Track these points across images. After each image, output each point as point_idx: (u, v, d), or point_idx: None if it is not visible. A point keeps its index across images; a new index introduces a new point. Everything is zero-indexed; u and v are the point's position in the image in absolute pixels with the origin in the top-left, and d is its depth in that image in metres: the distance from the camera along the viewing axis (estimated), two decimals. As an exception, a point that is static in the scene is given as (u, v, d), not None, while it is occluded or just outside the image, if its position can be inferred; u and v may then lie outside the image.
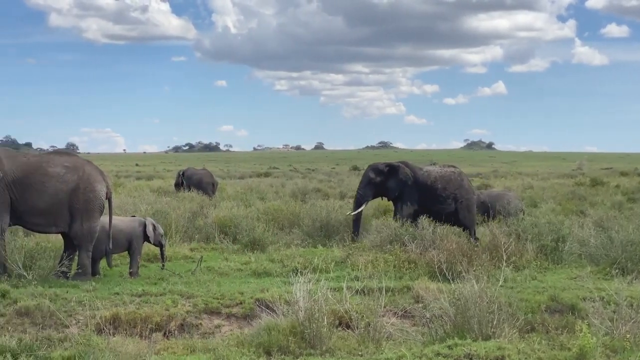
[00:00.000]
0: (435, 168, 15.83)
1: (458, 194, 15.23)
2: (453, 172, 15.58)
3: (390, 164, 15.60)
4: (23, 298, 9.05)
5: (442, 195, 15.16)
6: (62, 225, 10.83)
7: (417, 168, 15.58)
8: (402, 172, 15.18)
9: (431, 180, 15.25)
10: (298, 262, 11.91)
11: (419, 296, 9.58)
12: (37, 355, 7.20)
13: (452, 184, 15.29)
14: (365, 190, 15.43)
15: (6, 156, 10.75)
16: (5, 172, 10.51)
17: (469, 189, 15.57)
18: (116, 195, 16.09)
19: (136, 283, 10.57)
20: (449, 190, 15.21)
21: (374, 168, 15.63)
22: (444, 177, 15.35)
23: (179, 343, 8.10)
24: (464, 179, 15.66)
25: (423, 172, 15.43)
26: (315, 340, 7.47)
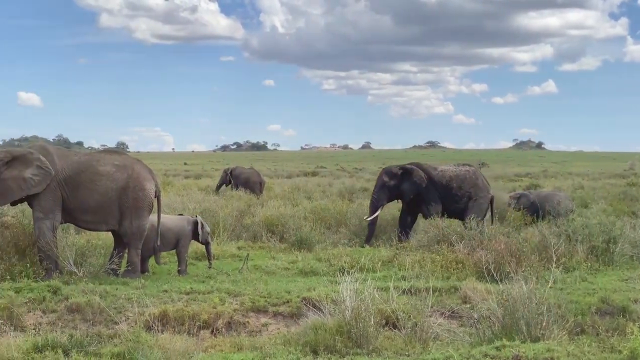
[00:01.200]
0: (450, 167, 15.79)
1: (473, 192, 15.30)
2: (468, 171, 15.57)
3: (404, 166, 15.61)
4: (74, 294, 9.19)
5: (458, 195, 15.25)
6: (112, 223, 10.97)
7: (431, 169, 15.61)
8: (416, 175, 15.20)
9: (446, 179, 15.33)
10: (345, 261, 11.90)
11: (467, 297, 9.51)
12: (88, 351, 7.31)
13: (467, 182, 15.36)
14: (379, 194, 15.44)
15: (58, 155, 10.93)
16: (57, 170, 10.68)
17: (483, 188, 15.53)
18: (165, 194, 16.25)
19: (184, 281, 10.66)
20: (464, 189, 15.29)
21: (387, 171, 15.65)
22: (459, 176, 15.38)
23: (226, 341, 8.15)
24: (479, 178, 15.60)
25: (438, 172, 15.46)
26: (361, 340, 7.46)
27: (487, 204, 15.49)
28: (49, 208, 10.60)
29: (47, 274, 10.20)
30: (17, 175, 10.51)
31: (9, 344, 7.27)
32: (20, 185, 10.50)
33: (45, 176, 10.55)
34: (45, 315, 8.89)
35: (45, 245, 10.36)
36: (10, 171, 10.57)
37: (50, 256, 10.39)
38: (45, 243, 10.37)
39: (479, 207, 15.21)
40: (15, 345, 7.28)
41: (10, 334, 8.02)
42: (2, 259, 10.11)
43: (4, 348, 7.16)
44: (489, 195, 15.59)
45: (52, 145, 11.59)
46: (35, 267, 10.21)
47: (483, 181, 15.68)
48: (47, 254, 10.38)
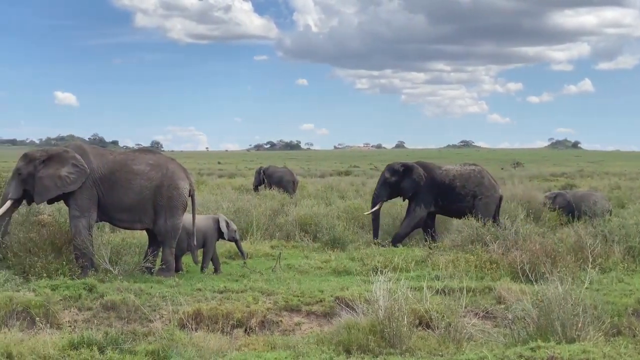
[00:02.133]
0: (454, 167, 15.69)
1: (477, 191, 15.15)
2: (473, 170, 15.45)
3: (406, 164, 15.56)
4: (109, 292, 9.27)
5: (461, 194, 15.11)
6: (147, 221, 11.05)
7: (435, 167, 15.52)
8: (416, 173, 15.12)
9: (449, 178, 15.21)
10: (378, 260, 11.86)
11: (501, 297, 9.43)
12: (123, 348, 7.36)
13: (471, 181, 15.21)
14: (380, 190, 15.44)
15: (94, 154, 11.03)
16: (93, 169, 10.79)
17: (489, 187, 15.34)
18: (199, 193, 16.34)
19: (218, 280, 10.71)
20: (468, 188, 15.14)
21: (389, 168, 15.62)
22: (463, 175, 15.27)
23: (259, 339, 8.16)
24: (485, 177, 15.44)
25: (441, 172, 15.37)
26: (395, 340, 7.43)
27: (494, 203, 15.26)
28: (85, 206, 10.70)
29: (83, 271, 10.30)
30: (53, 174, 10.63)
31: (45, 341, 7.36)
32: (57, 183, 10.62)
33: (80, 174, 10.65)
34: (80, 312, 8.98)
35: (81, 243, 10.46)
36: (47, 169, 10.69)
37: (86, 254, 10.49)
38: (81, 241, 10.47)
39: (486, 207, 15.01)
40: (51, 342, 7.36)
41: (47, 331, 8.13)
42: (38, 256, 10.22)
43: (40, 345, 7.24)
44: (497, 194, 15.40)
45: (88, 144, 11.70)
46: (71, 265, 10.31)
47: (490, 180, 15.50)
48: (83, 252, 10.48)
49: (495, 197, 15.30)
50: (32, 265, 10.10)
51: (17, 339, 7.39)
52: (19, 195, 10.74)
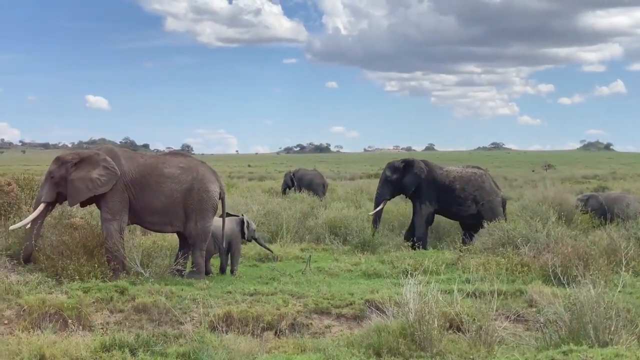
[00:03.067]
0: (455, 168, 15.58)
1: (478, 195, 15.01)
2: (474, 173, 15.30)
3: (406, 159, 15.49)
4: (140, 295, 9.33)
5: (461, 197, 15.00)
6: (178, 224, 11.11)
7: (436, 167, 15.42)
8: (417, 166, 15.05)
9: (449, 180, 15.10)
10: (408, 263, 11.83)
11: (533, 300, 9.37)
12: (154, 350, 7.41)
13: (471, 184, 15.07)
14: (382, 189, 15.38)
15: (125, 157, 11.11)
16: (124, 172, 10.87)
17: (490, 191, 15.19)
18: (229, 196, 16.39)
19: (248, 282, 10.74)
20: (468, 191, 15.00)
21: (390, 166, 15.56)
22: (463, 177, 15.14)
23: (289, 342, 8.17)
24: (486, 181, 15.28)
25: (442, 172, 15.27)
26: (425, 343, 7.40)
27: (499, 207, 15.16)
28: (116, 209, 10.78)
29: (115, 274, 10.37)
30: (84, 176, 10.72)
31: (78, 343, 7.42)
32: (88, 186, 10.71)
33: (111, 176, 10.74)
34: (112, 314, 9.05)
35: (113, 246, 10.54)
36: (78, 172, 10.79)
37: (118, 257, 10.56)
38: (113, 244, 10.55)
39: (493, 211, 14.92)
40: (83, 344, 7.42)
41: (79, 333, 8.20)
42: (71, 259, 10.31)
43: (72, 347, 7.30)
44: (498, 198, 15.27)
45: (119, 147, 11.79)
46: (103, 267, 10.38)
47: (491, 184, 15.36)
48: (115, 255, 10.55)
49: (497, 201, 15.17)
50: (65, 268, 10.19)
51: (50, 341, 7.45)
52: (52, 198, 10.84)
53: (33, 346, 7.25)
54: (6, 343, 7.53)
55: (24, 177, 12.71)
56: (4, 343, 7.57)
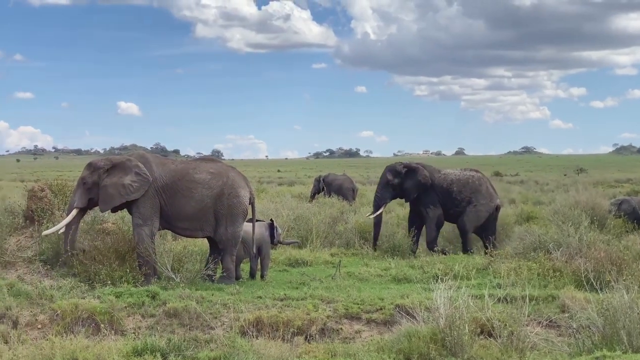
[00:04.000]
0: (453, 171, 15.45)
1: (473, 197, 14.93)
2: (472, 177, 15.20)
3: (408, 165, 15.36)
4: (172, 300, 9.38)
5: (457, 199, 14.93)
6: (208, 229, 11.16)
7: (434, 170, 15.32)
8: (421, 174, 14.94)
9: (447, 183, 15.03)
10: (438, 268, 11.79)
11: (565, 305, 9.27)
12: (185, 355, 7.45)
13: (469, 187, 15.00)
14: (383, 193, 15.25)
15: (156, 163, 11.19)
16: (155, 178, 10.94)
17: (486, 195, 15.06)
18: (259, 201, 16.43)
19: (278, 287, 10.75)
20: (464, 194, 14.94)
21: (391, 169, 15.40)
22: (461, 180, 15.07)
23: (319, 347, 8.16)
24: (483, 185, 15.16)
25: (440, 175, 15.19)
26: (456, 348, 7.36)
27: (486, 212, 14.96)
28: (147, 215, 10.85)
29: (146, 279, 10.44)
30: (116, 182, 10.80)
31: (110, 347, 7.49)
32: (120, 192, 10.79)
33: (143, 183, 10.81)
34: (144, 319, 9.11)
35: (144, 251, 10.62)
36: (110, 178, 10.88)
37: (149, 262, 10.63)
38: (144, 249, 10.62)
39: (476, 214, 14.85)
40: (115, 348, 7.49)
41: (111, 338, 8.28)
42: (103, 264, 10.40)
43: (105, 351, 7.36)
44: (492, 204, 15.09)
45: (150, 153, 11.87)
46: (135, 272, 10.46)
47: (488, 189, 15.22)
48: (146, 260, 10.62)
49: (489, 207, 15.02)
50: (97, 273, 10.29)
51: (82, 345, 7.52)
52: (84, 204, 10.94)
53: (66, 350, 7.33)
54: (40, 347, 7.62)
55: (57, 183, 12.81)
56: (38, 347, 7.65)
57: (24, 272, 10.81)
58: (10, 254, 11.12)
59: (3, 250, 11.10)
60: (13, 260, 11.06)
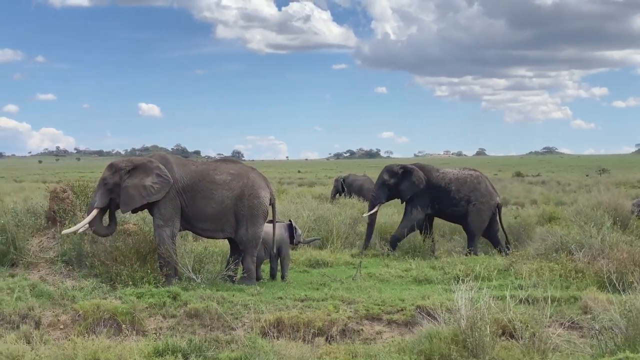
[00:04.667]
0: (452, 170, 15.40)
1: (472, 196, 14.89)
2: (470, 175, 15.16)
3: (405, 166, 15.34)
4: (192, 300, 9.41)
5: (456, 198, 14.89)
6: (229, 230, 11.18)
7: (433, 170, 15.29)
8: (416, 176, 14.91)
9: (445, 182, 14.99)
10: (459, 269, 11.75)
11: (587, 307, 9.20)
12: (206, 355, 7.47)
13: (467, 186, 14.96)
14: (378, 192, 15.28)
15: (177, 164, 11.23)
16: (176, 179, 10.97)
17: (485, 193, 15.01)
18: (279, 202, 16.46)
19: (299, 288, 10.76)
20: (463, 193, 14.90)
21: (388, 170, 15.41)
22: (459, 179, 15.03)
23: (340, 348, 8.16)
24: (482, 183, 15.12)
25: (438, 174, 15.16)
26: (477, 349, 7.33)
27: (488, 210, 14.94)
28: (168, 216, 10.89)
29: (167, 280, 10.48)
30: (138, 183, 10.85)
31: (131, 348, 7.52)
32: (141, 193, 10.83)
33: (164, 184, 10.85)
34: (165, 320, 9.15)
35: (165, 252, 10.66)
36: (132, 179, 10.92)
37: (170, 263, 10.67)
38: (165, 250, 10.66)
39: (479, 213, 14.83)
40: (137, 349, 7.52)
41: (133, 338, 8.32)
42: (124, 265, 10.46)
43: (126, 352, 7.40)
44: (493, 201, 15.06)
45: (171, 154, 11.92)
46: (156, 273, 10.50)
47: (487, 187, 15.19)
48: (167, 261, 10.66)
49: (490, 205, 14.99)
50: (119, 274, 10.35)
51: (104, 346, 7.56)
52: (105, 204, 10.99)
53: (88, 351, 7.37)
54: (62, 347, 7.67)
55: (78, 184, 12.89)
56: (60, 347, 7.71)
57: (46, 273, 10.89)
58: (33, 255, 11.21)
59: (25, 251, 11.19)
60: (35, 261, 11.14)
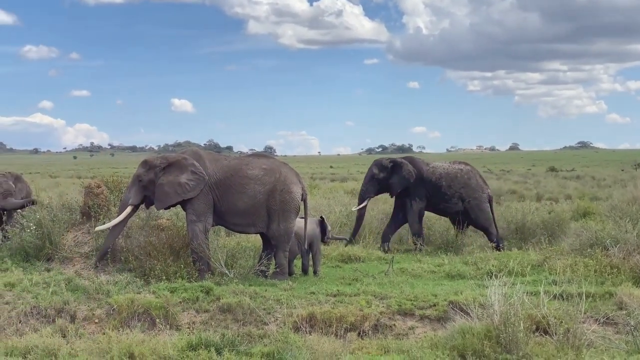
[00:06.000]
0: (442, 164, 15.23)
1: (464, 192, 14.76)
2: (460, 170, 15.01)
3: (394, 160, 15.20)
4: (225, 295, 9.46)
5: (447, 194, 14.76)
6: (261, 225, 11.21)
7: (423, 164, 15.15)
8: (406, 169, 14.77)
9: (436, 177, 14.86)
10: (492, 265, 11.67)
11: (622, 303, 9.11)
12: (239, 350, 7.51)
13: (457, 181, 14.83)
14: (368, 187, 15.10)
15: (210, 159, 11.27)
16: (209, 174, 11.02)
17: (476, 188, 14.87)
18: (311, 197, 16.47)
19: (331, 283, 10.76)
20: (454, 189, 14.77)
21: (377, 164, 15.25)
22: (450, 174, 14.87)
23: (373, 343, 8.16)
24: (472, 177, 14.96)
25: (429, 169, 15.02)
26: (511, 345, 7.29)
27: (486, 203, 14.89)
28: (201, 211, 10.95)
29: (200, 274, 10.54)
30: (173, 181, 10.91)
31: (165, 342, 7.58)
32: (177, 190, 10.90)
33: (199, 181, 10.91)
34: (198, 314, 9.20)
35: (198, 247, 10.71)
36: (167, 177, 10.99)
37: (203, 258, 10.73)
38: (198, 245, 10.72)
39: (479, 207, 14.75)
40: (170, 343, 7.58)
41: (166, 332, 8.38)
42: (158, 260, 10.53)
43: (160, 346, 7.46)
44: (484, 194, 14.96)
45: (203, 150, 11.98)
46: (189, 268, 10.57)
47: (477, 181, 15.03)
48: (200, 256, 10.72)
49: (484, 198, 14.91)
50: (152, 269, 10.42)
51: (138, 340, 7.63)
52: (139, 201, 11.09)
53: (122, 345, 7.44)
54: (97, 341, 7.76)
55: (112, 180, 13.01)
56: (95, 341, 7.80)
57: (81, 268, 11.01)
58: (68, 250, 11.33)
59: (61, 246, 11.32)
60: (70, 256, 11.26)
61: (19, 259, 11.32)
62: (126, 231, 11.34)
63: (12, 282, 10.02)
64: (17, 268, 10.87)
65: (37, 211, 11.86)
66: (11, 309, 9.27)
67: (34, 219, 11.53)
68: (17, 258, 11.34)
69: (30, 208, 12.22)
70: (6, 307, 9.31)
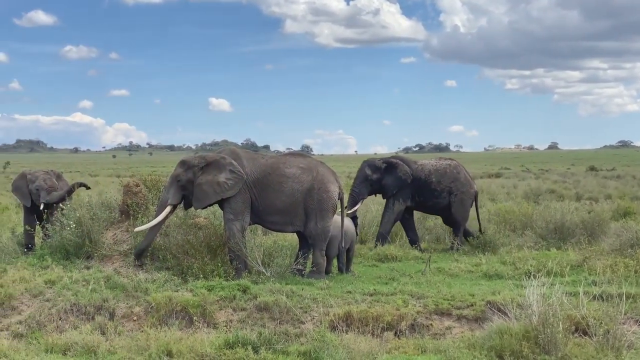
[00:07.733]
0: (430, 161, 15.07)
1: (453, 187, 14.69)
2: (449, 165, 14.89)
3: (388, 160, 14.98)
4: (262, 294, 9.49)
5: (437, 190, 14.66)
6: (298, 224, 11.23)
7: (411, 162, 14.99)
8: (401, 170, 14.59)
9: (425, 174, 14.71)
10: (531, 265, 11.57)
11: (664, 304, 8.98)
12: (276, 348, 7.53)
13: (447, 177, 14.73)
14: (360, 188, 14.81)
15: (247, 158, 11.32)
16: (246, 173, 11.07)
17: (465, 183, 14.79)
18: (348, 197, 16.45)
19: (368, 282, 10.75)
20: (444, 184, 14.67)
21: (370, 164, 14.97)
22: (439, 170, 14.76)
23: (409, 343, 8.13)
24: (461, 172, 14.86)
25: (417, 167, 14.85)
26: (549, 346, 7.22)
27: (470, 199, 14.79)
28: (239, 210, 10.99)
29: (237, 273, 10.58)
30: (211, 180, 10.98)
31: (203, 340, 7.64)
32: (215, 190, 10.96)
33: (237, 180, 10.96)
34: (235, 313, 9.24)
35: (235, 245, 10.76)
36: (205, 176, 11.05)
37: (240, 256, 10.77)
38: (235, 243, 10.76)
39: (462, 203, 14.65)
40: (208, 341, 7.63)
41: (204, 330, 8.44)
42: (195, 258, 10.59)
43: (198, 343, 7.51)
44: (472, 190, 14.86)
45: (241, 149, 12.03)
46: (226, 266, 10.62)
47: (465, 176, 14.93)
48: (237, 254, 10.77)
49: (470, 193, 14.83)
50: (190, 267, 10.49)
51: (176, 337, 7.70)
52: (178, 201, 11.16)
53: (160, 342, 7.51)
54: (135, 338, 7.84)
55: (150, 179, 13.10)
56: (134, 338, 7.88)
57: (119, 265, 11.11)
58: (107, 248, 11.44)
59: (100, 244, 11.44)
60: (109, 254, 11.37)
61: (59, 256, 11.45)
62: (164, 229, 11.41)
63: (53, 280, 10.16)
64: (57, 266, 11.00)
65: (77, 210, 12.00)
66: (51, 306, 9.40)
67: (74, 217, 11.66)
68: (57, 256, 11.47)
69: (70, 207, 12.36)
70: (46, 304, 9.44)
